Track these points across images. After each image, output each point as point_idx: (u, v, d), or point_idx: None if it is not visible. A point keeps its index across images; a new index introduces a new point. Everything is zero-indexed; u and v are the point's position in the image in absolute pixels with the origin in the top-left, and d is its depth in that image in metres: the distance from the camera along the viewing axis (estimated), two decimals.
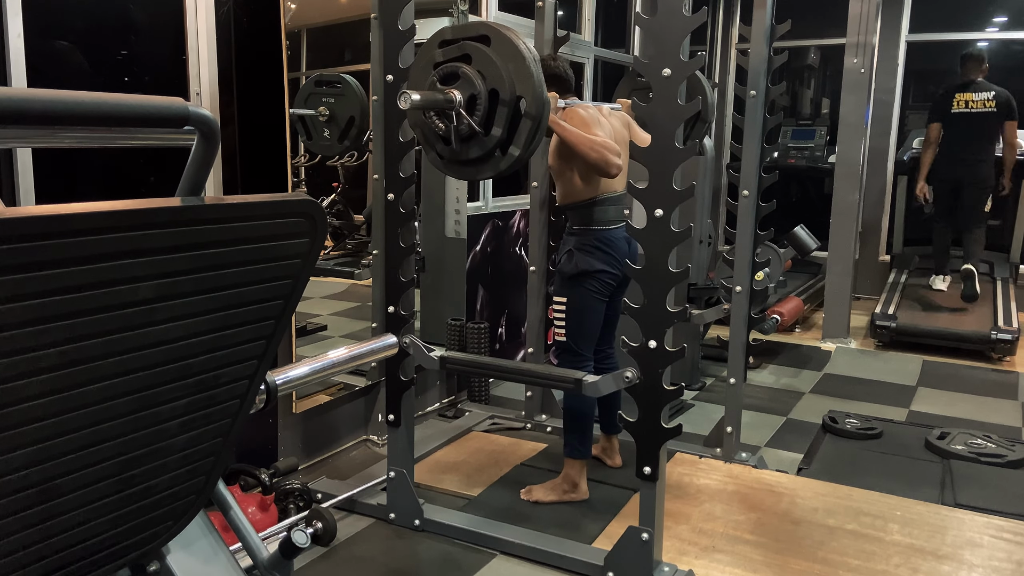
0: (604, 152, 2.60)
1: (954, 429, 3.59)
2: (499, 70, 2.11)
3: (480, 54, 2.14)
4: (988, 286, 5.98)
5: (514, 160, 2.17)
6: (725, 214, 3.74)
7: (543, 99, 2.12)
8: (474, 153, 2.20)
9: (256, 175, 2.83)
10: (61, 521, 0.90)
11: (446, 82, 2.17)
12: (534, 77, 2.10)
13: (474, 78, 2.14)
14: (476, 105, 2.14)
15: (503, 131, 2.14)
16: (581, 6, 5.28)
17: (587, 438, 2.88)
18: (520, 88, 2.11)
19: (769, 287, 4.16)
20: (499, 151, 2.18)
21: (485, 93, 2.14)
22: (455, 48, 2.18)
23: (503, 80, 2.11)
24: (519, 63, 2.10)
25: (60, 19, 2.33)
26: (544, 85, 2.14)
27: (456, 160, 2.25)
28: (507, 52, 2.12)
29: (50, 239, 0.74)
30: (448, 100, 2.14)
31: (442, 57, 2.20)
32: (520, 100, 2.11)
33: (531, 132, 2.13)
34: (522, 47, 2.11)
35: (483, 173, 2.25)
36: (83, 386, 0.84)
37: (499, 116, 2.13)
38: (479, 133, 2.16)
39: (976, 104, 5.51)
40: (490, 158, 2.20)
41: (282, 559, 1.37)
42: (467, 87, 2.14)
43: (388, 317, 2.64)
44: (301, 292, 1.03)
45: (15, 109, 0.74)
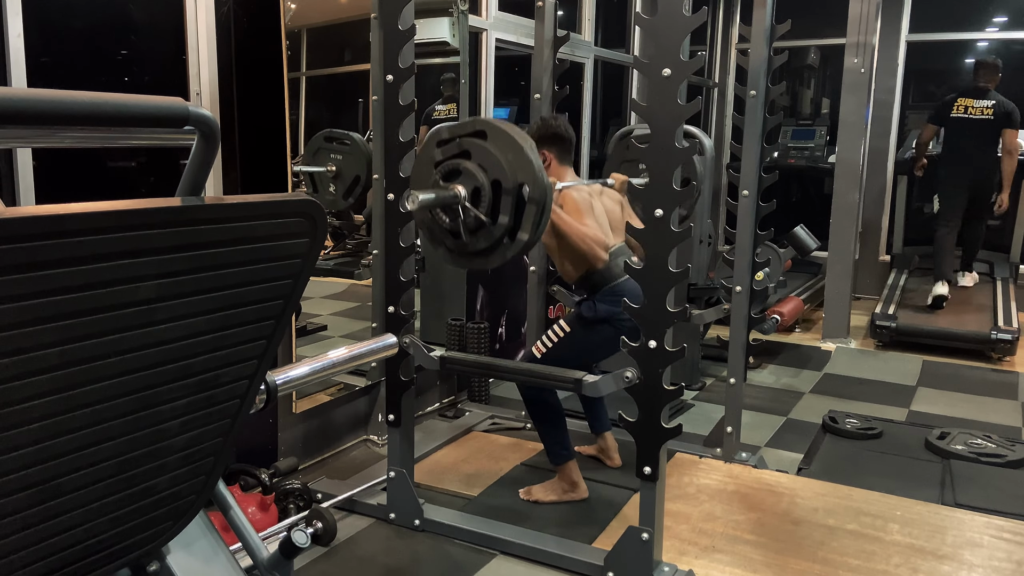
0: (593, 246, 2.75)
1: (954, 429, 3.59)
2: (499, 161, 2.18)
3: (478, 148, 2.21)
4: (988, 286, 5.98)
5: (523, 245, 2.24)
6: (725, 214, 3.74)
7: (545, 184, 2.19)
8: (482, 244, 2.27)
9: (256, 175, 2.83)
10: (61, 521, 0.90)
11: (448, 179, 2.24)
12: (533, 164, 2.17)
13: (476, 172, 2.20)
14: (481, 197, 2.21)
15: (510, 218, 2.21)
16: (581, 6, 5.29)
17: (564, 438, 2.88)
18: (522, 175, 2.18)
19: (769, 287, 4.17)
20: (507, 238, 2.25)
21: (488, 184, 2.20)
22: (453, 146, 2.25)
23: (504, 170, 2.18)
24: (518, 152, 2.17)
25: (60, 19, 2.33)
26: (544, 171, 2.21)
27: (465, 252, 2.32)
28: (504, 143, 2.19)
29: (50, 239, 0.74)
30: (453, 195, 2.21)
31: (441, 156, 2.26)
32: (523, 187, 2.18)
33: (537, 216, 2.20)
34: (518, 138, 2.18)
35: (492, 262, 2.32)
36: (83, 386, 0.84)
37: (504, 204, 2.19)
38: (487, 223, 2.22)
39: (974, 111, 5.53)
40: (499, 246, 2.27)
41: (282, 559, 1.37)
42: (470, 181, 2.21)
43: (388, 317, 2.64)
44: (301, 292, 1.03)
45: (15, 109, 0.74)
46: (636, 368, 2.25)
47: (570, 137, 2.97)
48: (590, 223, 2.79)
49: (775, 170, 3.17)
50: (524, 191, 2.17)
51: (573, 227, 2.73)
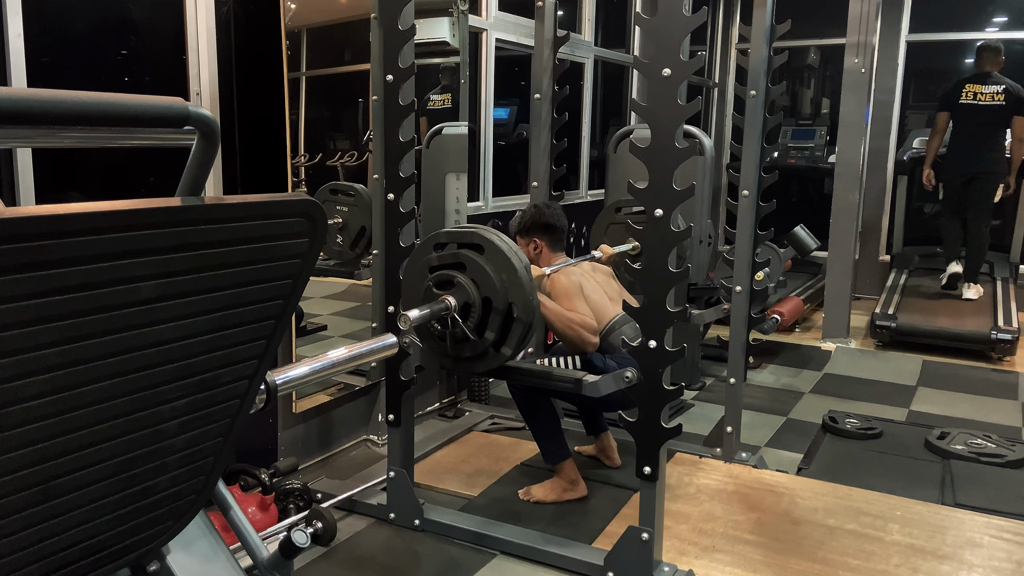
0: (579, 331, 2.75)
1: (954, 429, 3.59)
2: (492, 280, 2.24)
3: (473, 263, 2.27)
4: (988, 286, 5.98)
5: (506, 358, 2.32)
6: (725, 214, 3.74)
7: (534, 305, 2.26)
8: (467, 353, 2.35)
9: (256, 175, 2.83)
10: (61, 521, 0.90)
11: (441, 287, 2.31)
12: (525, 286, 2.23)
13: (468, 287, 2.26)
14: (470, 312, 2.27)
15: (496, 335, 2.28)
16: (581, 6, 5.29)
17: (558, 437, 2.88)
18: (512, 296, 2.24)
19: (769, 287, 4.16)
20: (492, 350, 2.32)
21: (479, 301, 2.26)
22: (449, 255, 2.30)
23: (496, 289, 2.24)
24: (511, 273, 2.24)
25: (60, 19, 2.33)
26: (535, 293, 2.27)
27: (450, 357, 2.40)
28: (499, 262, 2.25)
29: (50, 239, 0.74)
30: (444, 308, 2.27)
31: (437, 261, 2.32)
32: (512, 306, 2.25)
33: (522, 334, 2.27)
34: (513, 259, 2.24)
35: (476, 369, 2.41)
36: (83, 386, 0.84)
37: (492, 322, 2.26)
38: (472, 338, 2.29)
39: (984, 96, 5.48)
40: (483, 357, 2.35)
41: (282, 559, 1.37)
42: (461, 295, 2.27)
43: (388, 317, 2.64)
44: (301, 292, 1.03)
45: (15, 109, 0.74)
46: (636, 368, 2.25)
47: (563, 227, 3.05)
48: (580, 306, 2.79)
49: (775, 170, 3.17)
50: (513, 309, 2.24)
51: (559, 315, 2.74)
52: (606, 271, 3.15)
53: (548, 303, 2.74)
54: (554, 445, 2.88)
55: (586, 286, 2.90)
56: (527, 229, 3.04)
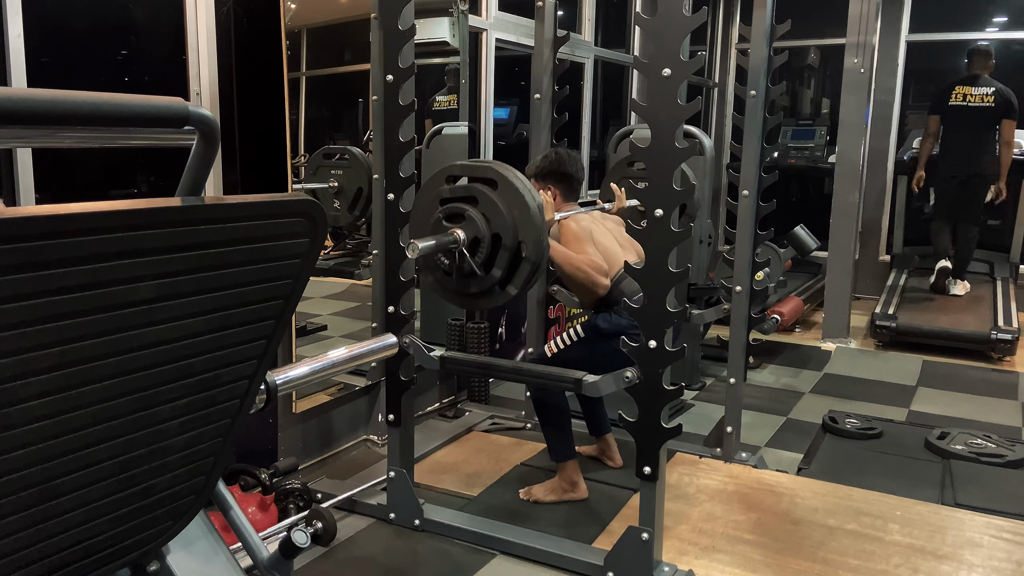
0: (590, 273, 2.72)
1: (954, 429, 3.59)
2: (503, 216, 2.20)
3: (485, 198, 2.23)
4: (988, 286, 5.98)
5: (511, 297, 2.29)
6: (725, 214, 3.74)
7: (544, 245, 2.22)
8: (473, 289, 2.30)
9: (256, 175, 2.83)
10: (61, 521, 0.90)
11: (451, 219, 2.27)
12: (537, 225, 2.19)
13: (478, 221, 2.23)
14: (479, 247, 2.24)
15: (503, 272, 2.24)
16: (581, 6, 5.29)
17: (567, 437, 2.88)
18: (523, 235, 2.20)
19: (769, 287, 4.16)
20: (498, 288, 2.29)
21: (488, 237, 2.23)
22: (462, 188, 2.27)
23: (507, 226, 2.20)
24: (523, 211, 2.19)
25: (60, 19, 2.33)
26: (546, 233, 2.23)
27: (454, 291, 2.36)
28: (512, 199, 2.20)
29: (50, 239, 0.74)
30: (453, 241, 2.23)
31: (449, 194, 2.28)
32: (522, 244, 2.21)
33: (530, 274, 2.23)
34: (527, 196, 2.19)
35: (480, 305, 2.38)
36: (83, 386, 0.84)
37: (500, 259, 2.23)
38: (479, 273, 2.26)
39: (974, 98, 5.49)
40: (488, 294, 2.30)
41: (282, 559, 1.37)
42: (471, 229, 2.23)
43: (388, 317, 2.64)
44: (301, 292, 1.03)
45: (15, 109, 0.74)
46: (636, 368, 2.25)
47: (580, 178, 3.00)
48: (590, 250, 2.78)
49: (775, 170, 3.17)
50: (523, 247, 2.21)
51: (570, 259, 2.73)
52: (616, 220, 3.09)
53: (557, 247, 2.72)
54: (561, 443, 2.88)
55: (596, 232, 2.87)
56: (544, 175, 2.96)
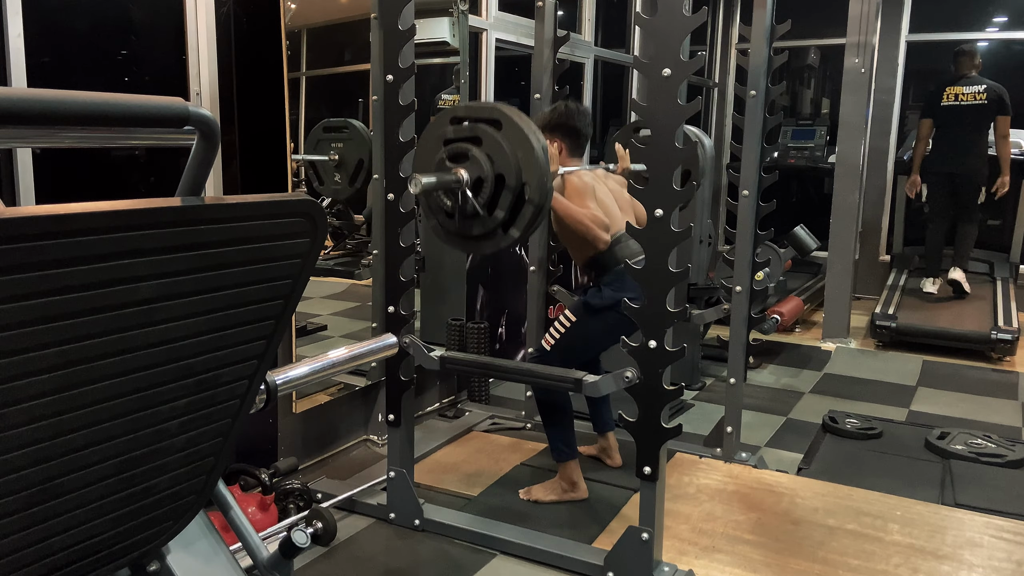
0: (591, 227, 2.71)
1: (954, 429, 3.59)
2: (507, 157, 2.18)
3: (490, 138, 2.20)
4: (988, 286, 5.98)
5: (513, 240, 2.25)
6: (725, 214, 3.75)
7: (547, 188, 2.19)
8: (476, 231, 2.27)
9: (256, 175, 2.83)
10: (61, 521, 0.90)
11: (455, 160, 2.24)
12: (541, 167, 2.17)
13: (482, 161, 2.20)
14: (482, 187, 2.21)
15: (506, 214, 2.21)
16: (581, 6, 5.29)
17: (569, 437, 2.88)
18: (526, 175, 2.17)
19: (769, 287, 4.16)
20: (501, 230, 2.26)
21: (492, 177, 2.20)
22: (466, 128, 2.24)
23: (510, 167, 2.18)
24: (527, 152, 2.16)
25: (60, 19, 2.33)
26: (550, 175, 2.21)
27: (457, 234, 2.33)
28: (516, 139, 2.18)
29: (50, 239, 0.74)
30: (456, 180, 2.21)
31: (453, 134, 2.26)
32: (525, 186, 2.18)
33: (532, 216, 2.20)
34: (532, 137, 2.17)
35: (483, 249, 2.33)
36: (83, 386, 0.84)
37: (503, 200, 2.20)
38: (482, 214, 2.23)
39: (966, 97, 5.49)
40: (492, 236, 2.27)
41: (282, 559, 1.37)
42: (475, 169, 2.21)
43: (388, 317, 2.64)
44: (301, 292, 1.03)
45: (15, 109, 0.74)
46: (636, 368, 2.25)
47: (587, 134, 2.96)
48: (591, 205, 2.76)
49: (775, 170, 3.17)
50: (526, 190, 2.17)
51: (571, 211, 2.71)
52: (619, 180, 3.07)
53: (560, 199, 2.71)
54: (563, 443, 2.88)
55: (598, 190, 2.87)
56: (552, 127, 2.92)
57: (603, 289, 2.82)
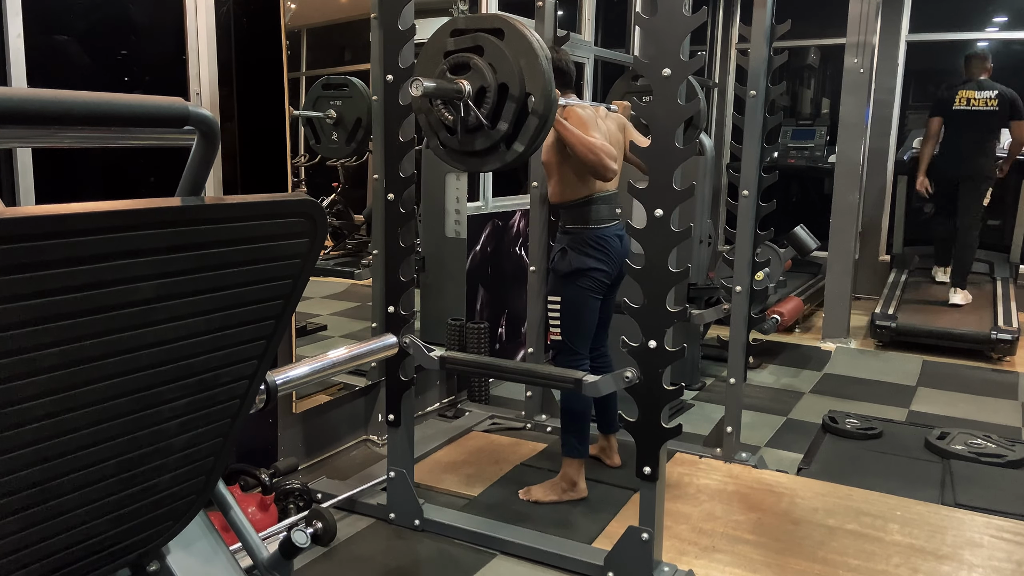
0: (601, 155, 2.62)
1: (954, 429, 3.59)
2: (511, 65, 2.11)
3: (492, 47, 2.13)
4: (988, 286, 5.98)
5: (518, 155, 2.18)
6: (725, 214, 3.75)
7: (552, 98, 2.13)
8: (479, 145, 2.20)
9: (256, 175, 2.83)
10: (61, 521, 0.90)
11: (456, 71, 2.17)
12: (545, 75, 2.10)
13: (485, 71, 2.13)
14: (485, 98, 2.14)
15: (509, 126, 2.15)
16: (581, 6, 5.28)
17: (585, 437, 2.89)
18: (530, 85, 2.11)
19: (769, 287, 4.16)
20: (504, 145, 2.19)
21: (495, 86, 2.14)
22: (468, 38, 2.17)
23: (514, 75, 2.11)
24: (531, 59, 2.10)
25: (60, 19, 2.33)
26: (554, 84, 2.15)
27: (459, 150, 2.26)
28: (520, 48, 2.11)
29: (50, 239, 0.74)
30: (458, 90, 2.14)
31: (454, 46, 2.19)
32: (529, 97, 2.12)
33: (537, 129, 2.14)
34: (535, 44, 2.10)
35: (487, 165, 2.25)
36: (83, 386, 0.84)
37: (507, 111, 2.14)
38: (485, 126, 2.16)
39: (978, 102, 5.50)
40: (494, 151, 2.20)
41: (282, 559, 1.37)
42: (477, 79, 2.14)
43: (388, 317, 2.64)
44: (301, 292, 1.03)
45: (15, 109, 0.74)
46: (636, 368, 2.25)
47: (572, 72, 2.92)
48: (597, 136, 2.70)
49: (775, 170, 3.17)
50: (530, 101, 2.11)
51: (580, 138, 2.63)
52: (619, 121, 3.02)
53: (569, 126, 2.64)
54: (577, 440, 2.88)
55: (600, 126, 2.83)
56: None
57: (569, 252, 2.80)
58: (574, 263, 2.80)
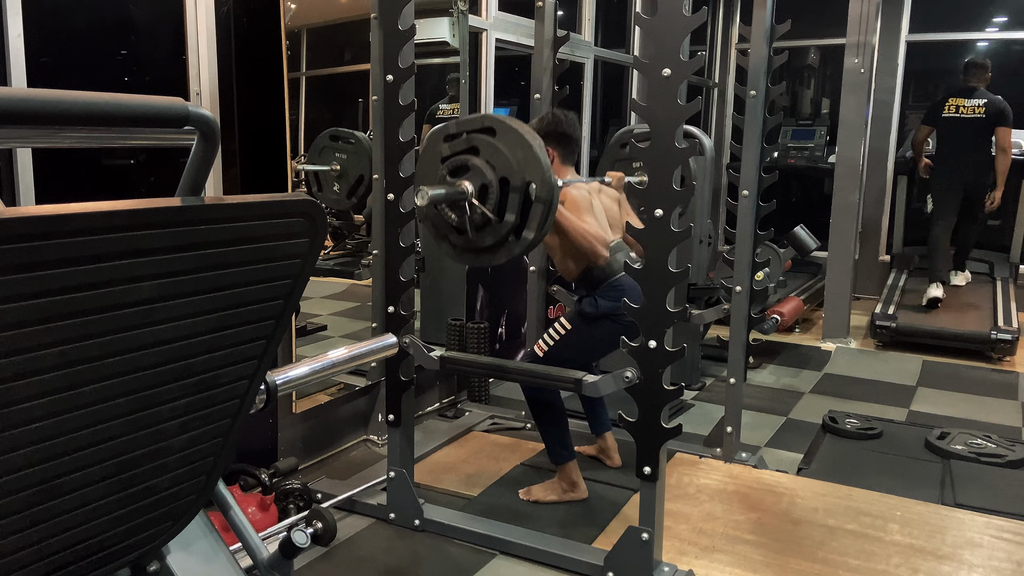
0: (594, 243, 2.74)
1: (954, 429, 3.59)
2: (507, 159, 2.18)
3: (486, 145, 2.21)
4: (988, 286, 5.98)
5: (528, 243, 2.24)
6: (725, 214, 3.75)
7: (552, 183, 2.19)
8: (488, 240, 2.27)
9: (256, 175, 2.83)
10: (61, 521, 0.90)
11: (456, 174, 2.24)
12: (542, 163, 2.17)
13: (484, 168, 2.20)
14: (488, 194, 2.21)
15: (516, 216, 2.21)
16: (581, 6, 5.28)
17: (565, 438, 2.88)
18: (529, 174, 2.18)
19: (769, 287, 4.16)
20: (513, 236, 2.25)
21: (496, 182, 2.20)
22: (461, 141, 2.24)
23: (512, 168, 2.18)
24: (526, 150, 2.17)
25: (60, 19, 2.33)
26: (551, 170, 2.21)
27: (470, 249, 2.32)
28: (513, 141, 2.18)
29: (50, 239, 0.74)
30: (461, 192, 2.21)
31: (449, 151, 2.26)
32: (530, 185, 2.18)
33: (544, 215, 2.20)
34: (527, 135, 2.18)
35: (497, 259, 2.31)
36: (83, 386, 0.84)
37: (511, 202, 2.20)
38: (493, 221, 2.22)
39: (966, 110, 5.54)
40: (504, 243, 2.27)
41: (282, 559, 1.37)
42: (477, 177, 2.21)
43: (388, 317, 2.64)
44: (301, 292, 1.03)
45: (15, 109, 0.74)
46: (636, 368, 2.25)
47: (577, 138, 2.99)
48: (590, 220, 2.79)
49: (775, 170, 3.17)
50: (531, 189, 2.17)
51: (575, 224, 2.73)
52: (612, 195, 3.10)
53: (565, 212, 2.71)
54: (560, 445, 2.88)
55: (594, 204, 2.90)
56: (544, 135, 2.89)
57: (598, 300, 2.84)
58: (603, 309, 2.82)
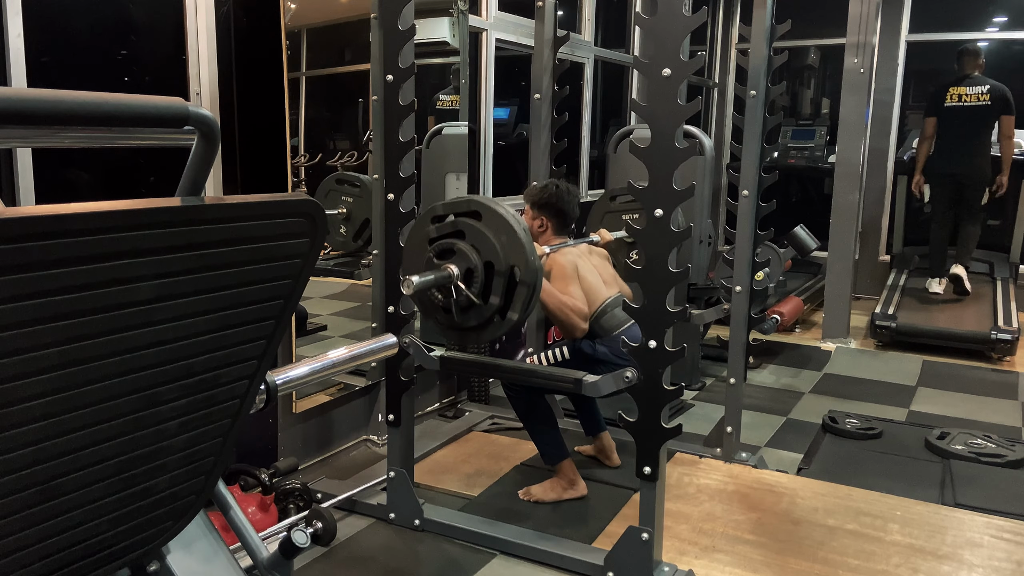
0: (571, 316, 2.80)
1: (954, 429, 3.59)
2: (492, 244, 2.25)
3: (472, 229, 2.28)
4: (988, 286, 5.98)
5: (513, 323, 2.31)
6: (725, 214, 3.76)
7: (536, 267, 2.26)
8: (473, 321, 2.34)
9: (256, 175, 2.83)
10: (61, 521, 0.90)
11: (442, 257, 2.30)
12: (526, 247, 2.24)
13: (469, 252, 2.27)
14: (473, 277, 2.27)
15: (500, 299, 2.27)
16: (581, 6, 5.28)
17: (555, 437, 2.89)
18: (514, 258, 2.24)
19: (769, 287, 4.16)
20: (498, 317, 2.31)
21: (481, 266, 2.27)
22: (448, 224, 2.31)
23: (497, 252, 2.25)
24: (511, 235, 2.24)
25: (60, 19, 2.33)
26: (536, 253, 2.27)
27: (455, 327, 2.39)
28: (498, 225, 2.25)
29: (50, 239, 0.74)
30: (447, 276, 2.27)
31: (436, 233, 2.33)
32: (514, 268, 2.25)
33: (527, 297, 2.27)
34: (512, 221, 2.24)
35: (483, 338, 2.39)
36: (83, 386, 0.84)
37: (496, 286, 2.26)
38: (478, 303, 2.29)
39: (969, 97, 5.50)
40: (489, 324, 2.33)
41: (282, 559, 1.37)
42: (463, 261, 2.28)
43: (388, 317, 2.64)
44: (301, 292, 1.03)
45: (15, 109, 0.74)
46: (636, 368, 2.25)
47: (574, 216, 3.05)
48: (573, 290, 2.84)
49: (775, 170, 3.17)
50: (515, 272, 2.24)
51: (553, 298, 2.79)
52: (602, 254, 3.18)
53: (544, 284, 2.74)
54: (551, 446, 2.88)
55: (582, 267, 2.94)
56: (541, 205, 3.02)
57: (597, 345, 2.92)
58: (599, 353, 2.89)
